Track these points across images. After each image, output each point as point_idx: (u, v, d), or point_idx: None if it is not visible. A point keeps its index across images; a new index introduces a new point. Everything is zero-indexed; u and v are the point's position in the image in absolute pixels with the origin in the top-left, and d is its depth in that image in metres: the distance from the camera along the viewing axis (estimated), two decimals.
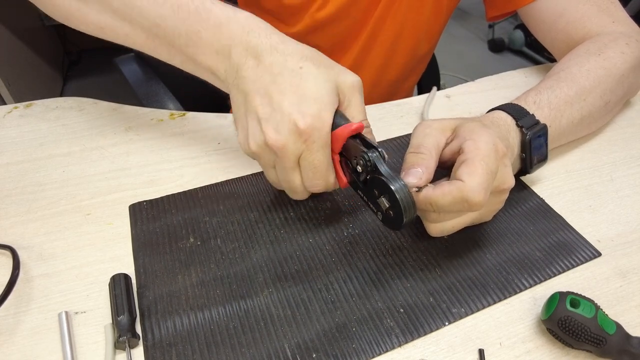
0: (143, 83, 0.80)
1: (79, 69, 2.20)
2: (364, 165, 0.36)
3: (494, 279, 0.38)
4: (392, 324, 0.35)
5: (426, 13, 0.67)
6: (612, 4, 0.58)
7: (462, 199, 0.34)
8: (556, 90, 0.48)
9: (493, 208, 0.40)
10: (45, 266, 0.39)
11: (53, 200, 0.45)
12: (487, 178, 0.35)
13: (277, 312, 0.36)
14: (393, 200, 0.35)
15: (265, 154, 0.38)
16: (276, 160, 0.38)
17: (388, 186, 0.34)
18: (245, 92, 0.38)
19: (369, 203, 0.38)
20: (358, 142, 0.37)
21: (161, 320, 0.35)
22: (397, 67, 0.71)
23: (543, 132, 0.44)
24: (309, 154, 0.36)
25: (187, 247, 0.40)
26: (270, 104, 0.36)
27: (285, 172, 0.38)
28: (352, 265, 0.39)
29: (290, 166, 0.37)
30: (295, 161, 0.37)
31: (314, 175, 0.38)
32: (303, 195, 0.41)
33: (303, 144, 0.36)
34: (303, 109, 0.35)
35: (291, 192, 0.41)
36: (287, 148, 0.36)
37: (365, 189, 0.38)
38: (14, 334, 0.34)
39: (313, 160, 0.37)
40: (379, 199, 0.36)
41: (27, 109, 0.57)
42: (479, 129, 0.38)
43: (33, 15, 1.90)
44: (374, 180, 0.36)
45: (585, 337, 0.32)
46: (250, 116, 0.37)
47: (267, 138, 0.36)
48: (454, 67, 2.18)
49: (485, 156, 0.36)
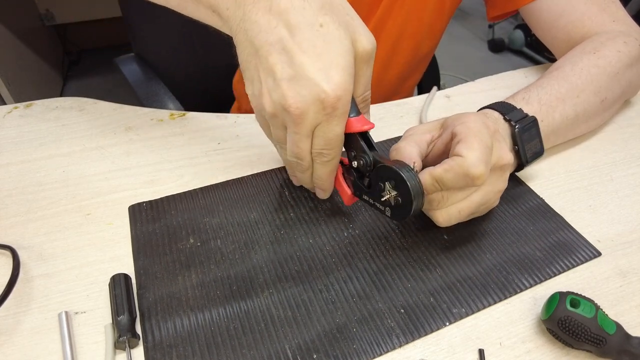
0: (143, 83, 0.80)
1: (79, 69, 2.20)
2: (363, 165, 0.36)
3: (494, 279, 0.38)
4: (393, 324, 0.35)
5: (428, 12, 0.67)
6: (613, 3, 0.58)
7: (464, 173, 0.35)
8: (546, 87, 0.49)
9: (497, 187, 0.40)
10: (45, 266, 0.39)
11: (53, 200, 0.45)
12: (485, 151, 0.36)
13: (278, 313, 0.36)
14: (400, 184, 0.35)
15: (280, 115, 0.35)
16: (289, 124, 0.35)
17: (394, 170, 0.35)
18: (257, 44, 0.33)
19: (374, 203, 0.38)
20: (361, 139, 0.37)
21: (161, 322, 0.35)
22: (398, 66, 0.71)
23: (533, 124, 0.45)
24: (328, 125, 0.34)
25: (187, 248, 0.40)
26: (291, 64, 0.32)
27: (297, 138, 0.36)
28: (352, 266, 0.39)
29: (305, 133, 0.35)
30: (311, 129, 0.35)
31: (326, 146, 0.36)
32: (306, 169, 0.39)
33: (325, 115, 0.34)
34: (331, 76, 0.32)
35: (295, 161, 0.38)
36: (307, 116, 0.34)
37: (367, 187, 0.38)
38: (14, 334, 0.34)
39: (330, 132, 0.35)
40: (384, 191, 0.36)
41: (27, 109, 0.57)
42: (464, 114, 0.40)
43: (33, 15, 1.90)
44: (378, 170, 0.36)
45: (585, 337, 0.32)
46: (266, 72, 0.34)
47: (287, 102, 0.33)
48: (454, 67, 2.17)
49: (478, 132, 0.37)
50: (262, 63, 0.33)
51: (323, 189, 0.42)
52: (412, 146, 0.40)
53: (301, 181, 0.42)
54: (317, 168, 0.38)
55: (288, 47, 0.32)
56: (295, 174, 0.42)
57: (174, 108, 0.72)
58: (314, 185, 0.42)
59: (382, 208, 0.37)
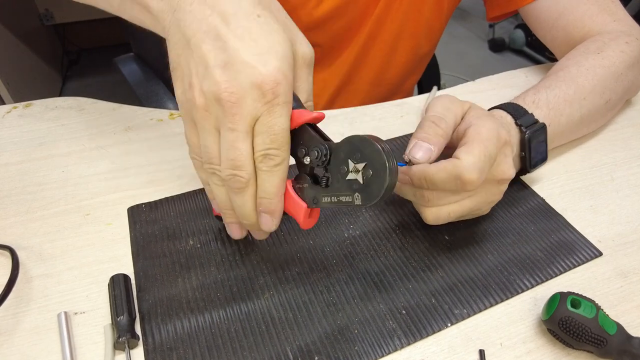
0: (143, 83, 0.80)
1: (78, 68, 2.20)
2: (318, 157, 0.31)
3: (496, 279, 0.38)
4: (394, 325, 0.35)
5: (427, 12, 0.67)
6: (613, 2, 0.58)
7: (456, 176, 0.35)
8: (555, 89, 0.48)
9: (491, 198, 0.40)
10: (44, 266, 0.39)
11: (52, 201, 0.45)
12: (484, 159, 0.35)
13: (279, 314, 0.36)
14: (367, 149, 0.29)
15: (212, 110, 0.30)
16: (223, 119, 0.30)
17: (356, 137, 0.30)
18: (189, 34, 0.30)
19: (340, 198, 0.31)
20: (313, 132, 0.32)
21: (161, 324, 0.35)
22: (397, 66, 0.71)
23: (542, 131, 0.44)
24: (270, 116, 0.30)
25: (187, 250, 0.40)
26: (224, 50, 0.29)
27: (233, 137, 0.30)
28: (353, 267, 0.39)
29: (244, 129, 0.30)
30: (250, 123, 0.30)
31: (272, 143, 0.30)
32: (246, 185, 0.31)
33: (265, 104, 0.29)
34: (268, 60, 0.29)
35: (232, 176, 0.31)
36: (245, 103, 0.29)
37: (325, 185, 0.32)
38: (13, 334, 0.34)
39: (274, 125, 0.30)
40: (349, 173, 0.30)
41: (27, 108, 0.57)
42: (485, 116, 0.39)
43: (32, 14, 1.90)
44: (337, 149, 0.31)
45: (585, 337, 0.32)
46: (197, 62, 0.30)
47: (220, 88, 0.29)
48: (454, 67, 2.17)
49: (485, 139, 0.36)
50: (194, 52, 0.30)
51: (271, 210, 0.33)
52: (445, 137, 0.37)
53: (239, 210, 0.33)
54: (264, 179, 0.31)
55: (222, 33, 0.30)
56: (229, 209, 0.34)
57: (173, 108, 0.72)
58: (260, 209, 0.33)
59: (349, 199, 0.31)
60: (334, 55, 0.68)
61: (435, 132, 0.37)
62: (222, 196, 0.34)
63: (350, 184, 0.30)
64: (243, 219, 0.34)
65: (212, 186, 0.34)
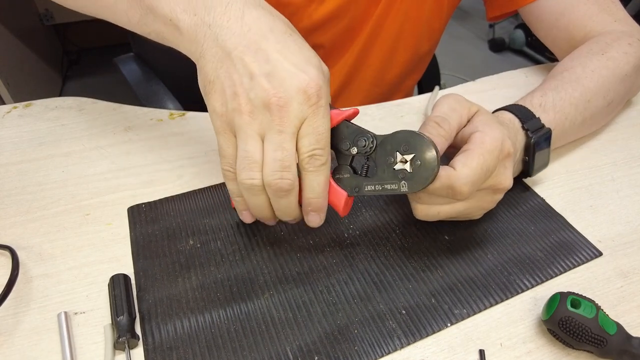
0: (143, 83, 0.80)
1: (78, 68, 2.20)
2: (366, 145, 0.34)
3: (496, 279, 0.38)
4: (394, 325, 0.35)
5: (427, 12, 0.67)
6: (613, 3, 0.58)
7: (449, 186, 0.35)
8: (561, 92, 0.48)
9: (484, 205, 0.40)
10: (44, 266, 0.39)
11: (52, 200, 0.45)
12: (479, 173, 0.35)
13: (279, 314, 0.36)
14: (416, 141, 0.33)
15: (258, 116, 0.32)
16: (271, 123, 0.32)
17: (405, 131, 0.33)
18: (230, 47, 0.32)
19: (384, 186, 0.35)
20: (354, 125, 0.36)
21: (161, 324, 0.35)
22: (398, 66, 0.71)
23: (547, 136, 0.44)
24: (315, 118, 0.32)
25: (187, 250, 0.40)
26: (267, 61, 0.32)
27: (281, 139, 0.32)
28: (353, 267, 0.39)
29: (291, 131, 0.32)
30: (297, 126, 0.32)
31: (317, 144, 0.33)
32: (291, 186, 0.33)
33: (310, 106, 0.32)
34: (308, 69, 0.32)
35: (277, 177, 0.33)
36: (292, 107, 0.32)
37: (366, 168, 0.36)
38: (13, 334, 0.34)
39: (319, 126, 0.32)
40: (396, 163, 0.34)
41: (26, 108, 0.57)
42: (492, 123, 0.38)
43: (32, 14, 1.90)
44: (384, 141, 0.34)
45: (585, 337, 0.32)
46: (241, 74, 0.32)
47: (269, 94, 0.31)
48: (454, 67, 2.17)
49: (486, 151, 0.36)
50: (236, 64, 0.32)
51: (318, 207, 0.36)
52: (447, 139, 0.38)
53: (284, 210, 0.36)
54: (311, 179, 0.34)
55: (263, 47, 0.32)
56: (266, 214, 0.37)
57: (173, 108, 0.72)
58: (305, 208, 0.36)
59: (394, 187, 0.34)
60: (335, 56, 0.68)
61: (438, 132, 0.37)
62: (261, 203, 0.36)
63: (397, 173, 0.34)
64: (286, 217, 0.37)
65: (247, 196, 0.35)
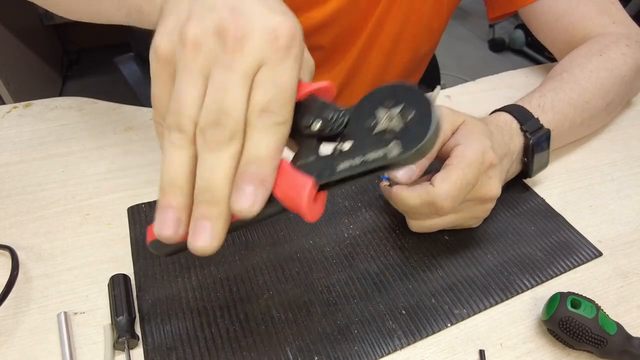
0: (143, 83, 0.80)
1: (79, 68, 2.20)
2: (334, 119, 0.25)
3: (496, 279, 0.38)
4: (394, 325, 0.35)
5: (427, 12, 0.67)
6: (612, 4, 0.58)
7: (430, 202, 0.35)
8: (559, 93, 0.48)
9: (476, 215, 0.40)
10: (44, 266, 0.39)
11: (52, 200, 0.45)
12: (459, 187, 0.35)
13: (278, 314, 0.35)
14: (406, 93, 0.25)
15: (206, 47, 0.24)
16: (219, 57, 0.24)
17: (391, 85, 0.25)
18: None
19: (365, 155, 0.24)
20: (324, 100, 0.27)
21: (161, 324, 0.35)
22: (398, 66, 0.71)
23: (546, 136, 0.44)
24: (279, 66, 0.24)
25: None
26: (233, 9, 0.25)
27: (227, 79, 0.24)
28: (353, 267, 0.39)
29: (243, 71, 0.24)
30: (252, 69, 0.24)
31: (277, 97, 0.24)
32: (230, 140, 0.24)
33: (275, 50, 0.24)
34: (284, 14, 0.25)
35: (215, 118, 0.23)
36: (251, 42, 0.24)
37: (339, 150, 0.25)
38: (13, 334, 0.34)
39: (282, 76, 0.24)
40: (381, 122, 0.24)
41: (26, 108, 0.57)
42: (474, 135, 0.38)
43: (32, 14, 1.90)
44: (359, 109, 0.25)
45: (585, 337, 0.32)
46: (202, 6, 0.25)
47: (227, 21, 0.24)
48: (454, 67, 2.17)
49: (466, 166, 0.36)
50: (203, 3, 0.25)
51: (260, 179, 0.24)
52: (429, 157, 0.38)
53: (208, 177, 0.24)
54: (258, 139, 0.24)
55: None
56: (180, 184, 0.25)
57: None
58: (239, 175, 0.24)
59: (380, 154, 0.24)
60: (335, 57, 0.68)
61: None
62: (180, 163, 0.25)
63: (381, 136, 0.24)
64: (207, 192, 0.24)
65: (169, 151, 0.25)
